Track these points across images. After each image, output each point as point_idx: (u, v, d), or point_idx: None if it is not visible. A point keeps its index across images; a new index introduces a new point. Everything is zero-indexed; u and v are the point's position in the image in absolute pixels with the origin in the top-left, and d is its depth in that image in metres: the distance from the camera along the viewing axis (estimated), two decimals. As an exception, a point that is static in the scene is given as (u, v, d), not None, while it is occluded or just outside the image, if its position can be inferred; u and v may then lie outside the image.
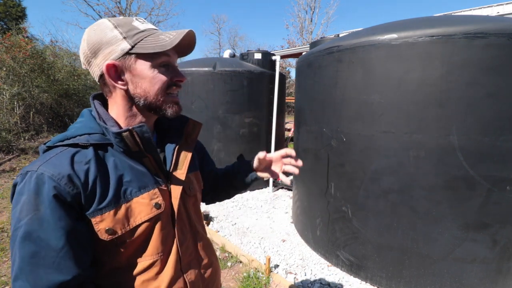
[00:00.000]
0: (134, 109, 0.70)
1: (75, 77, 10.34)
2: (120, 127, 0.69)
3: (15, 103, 7.53)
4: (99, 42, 0.63)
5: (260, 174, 0.98)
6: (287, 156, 0.96)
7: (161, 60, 0.66)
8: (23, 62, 7.70)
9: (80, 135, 0.64)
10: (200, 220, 0.88)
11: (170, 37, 0.64)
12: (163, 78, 0.67)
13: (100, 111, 0.68)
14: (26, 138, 7.49)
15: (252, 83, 4.27)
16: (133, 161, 0.68)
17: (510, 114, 1.73)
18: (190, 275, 0.76)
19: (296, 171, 0.93)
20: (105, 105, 0.72)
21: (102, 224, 0.61)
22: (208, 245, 0.89)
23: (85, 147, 0.63)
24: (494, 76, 1.72)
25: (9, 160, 5.95)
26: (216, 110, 4.18)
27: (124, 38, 0.63)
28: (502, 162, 1.77)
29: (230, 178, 1.02)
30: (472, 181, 1.82)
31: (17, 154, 6.35)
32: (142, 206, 0.66)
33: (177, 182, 0.75)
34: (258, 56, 4.53)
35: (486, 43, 1.70)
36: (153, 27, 0.70)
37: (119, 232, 0.63)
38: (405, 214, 2.01)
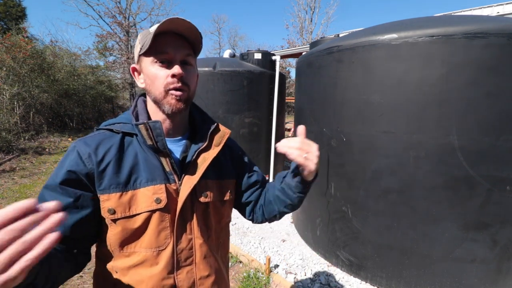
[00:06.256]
0: (153, 104, 0.75)
1: (75, 77, 10.37)
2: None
3: (15, 103, 7.54)
4: (135, 49, 0.75)
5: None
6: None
7: (158, 56, 0.69)
8: (23, 62, 7.71)
9: (118, 123, 0.74)
10: (208, 230, 0.80)
11: (151, 32, 0.67)
12: (159, 74, 0.69)
13: (138, 106, 0.78)
14: (26, 138, 7.49)
15: (252, 83, 4.27)
16: (150, 154, 0.72)
17: (510, 114, 1.74)
18: (181, 281, 0.74)
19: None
20: None
21: (107, 203, 0.67)
22: (212, 259, 0.81)
23: (117, 133, 0.72)
24: (494, 76, 1.72)
25: (9, 160, 5.95)
26: (216, 110, 4.18)
27: (139, 42, 0.71)
28: (502, 162, 1.77)
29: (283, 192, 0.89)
30: (472, 181, 1.82)
31: (17, 154, 6.35)
32: (144, 197, 0.69)
33: (188, 183, 0.73)
34: (258, 56, 4.52)
35: (486, 43, 1.70)
36: None
37: (119, 215, 0.67)
38: (405, 214, 2.01)
